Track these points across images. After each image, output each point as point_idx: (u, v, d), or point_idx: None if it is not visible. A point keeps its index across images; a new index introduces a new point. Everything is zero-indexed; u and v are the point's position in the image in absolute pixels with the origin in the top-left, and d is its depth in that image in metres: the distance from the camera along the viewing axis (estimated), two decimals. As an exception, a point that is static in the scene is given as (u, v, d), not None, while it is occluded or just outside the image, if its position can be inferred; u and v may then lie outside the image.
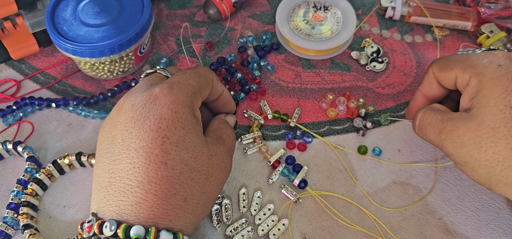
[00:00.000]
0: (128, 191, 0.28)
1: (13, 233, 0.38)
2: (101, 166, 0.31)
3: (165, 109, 0.30)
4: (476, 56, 0.34)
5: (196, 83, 0.33)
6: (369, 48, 0.50)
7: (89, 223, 0.29)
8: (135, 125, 0.29)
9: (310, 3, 0.51)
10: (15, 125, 0.45)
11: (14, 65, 0.49)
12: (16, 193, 0.39)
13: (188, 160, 0.29)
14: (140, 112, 0.30)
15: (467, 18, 0.51)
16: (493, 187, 0.32)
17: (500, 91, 0.31)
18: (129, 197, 0.28)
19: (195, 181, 0.30)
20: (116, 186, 0.29)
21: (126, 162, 0.29)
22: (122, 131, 0.30)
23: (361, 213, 0.39)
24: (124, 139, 0.29)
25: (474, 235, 0.38)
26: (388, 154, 0.42)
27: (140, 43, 0.45)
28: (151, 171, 0.28)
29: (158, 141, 0.29)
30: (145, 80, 0.34)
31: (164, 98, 0.30)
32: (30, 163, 0.40)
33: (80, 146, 0.43)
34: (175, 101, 0.30)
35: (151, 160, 0.28)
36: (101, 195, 0.30)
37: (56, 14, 0.44)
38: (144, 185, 0.28)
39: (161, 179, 0.28)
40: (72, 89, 0.47)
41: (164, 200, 0.28)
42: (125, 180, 0.28)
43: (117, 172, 0.29)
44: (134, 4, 0.45)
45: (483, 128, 0.31)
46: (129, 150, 0.29)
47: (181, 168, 0.29)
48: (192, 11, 0.54)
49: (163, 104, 0.30)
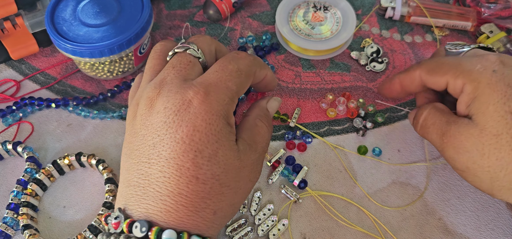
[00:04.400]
0: (158, 198, 0.28)
1: (13, 233, 0.38)
2: (130, 162, 0.30)
3: (199, 120, 0.28)
4: (468, 62, 0.33)
5: (236, 85, 0.31)
6: (369, 48, 0.50)
7: (117, 220, 0.28)
8: (167, 132, 0.28)
9: (310, 3, 0.51)
10: (15, 125, 0.45)
11: (13, 65, 0.49)
12: (16, 193, 0.39)
13: (219, 174, 0.29)
14: (173, 119, 0.28)
15: (467, 18, 0.51)
16: (496, 193, 0.32)
17: (499, 97, 0.31)
18: (158, 204, 0.28)
19: (225, 195, 0.29)
20: (145, 189, 0.28)
21: (156, 168, 0.28)
22: (154, 135, 0.29)
23: (361, 213, 0.39)
24: (155, 144, 0.28)
25: (474, 235, 0.38)
26: (388, 154, 0.42)
27: (140, 43, 0.45)
28: (182, 184, 0.28)
29: (190, 154, 0.28)
30: (177, 69, 0.31)
31: (199, 107, 0.28)
32: (30, 163, 0.40)
33: (80, 146, 0.43)
34: (210, 112, 0.29)
35: (182, 173, 0.28)
36: (129, 193, 0.29)
37: (55, 14, 0.44)
38: (175, 196, 0.28)
39: (192, 193, 0.28)
40: (72, 89, 0.47)
41: (194, 212, 0.28)
42: (154, 186, 0.28)
43: (146, 175, 0.28)
44: (134, 4, 0.45)
45: (486, 134, 0.31)
46: (159, 158, 0.28)
47: (212, 183, 0.28)
48: (192, 11, 0.54)
49: (197, 113, 0.28)
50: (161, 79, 0.31)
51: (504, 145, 0.30)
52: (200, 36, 0.34)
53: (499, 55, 0.33)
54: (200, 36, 0.34)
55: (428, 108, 0.36)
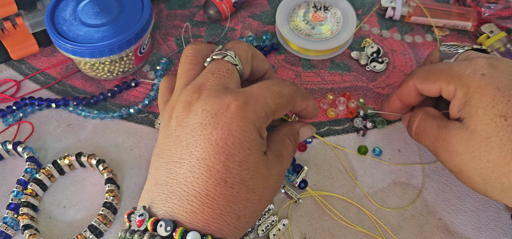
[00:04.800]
0: (184, 198, 0.28)
1: (13, 233, 0.38)
2: (160, 162, 0.30)
3: (235, 125, 0.28)
4: (458, 66, 0.34)
5: (275, 105, 0.31)
6: (369, 48, 0.50)
7: (141, 217, 0.28)
8: (202, 133, 0.28)
9: (310, 3, 0.51)
10: (15, 125, 0.45)
11: (14, 65, 0.49)
12: (16, 194, 0.39)
13: (247, 180, 0.29)
14: (210, 121, 0.29)
15: (467, 18, 0.51)
16: (489, 194, 0.32)
17: (488, 100, 0.31)
18: (184, 204, 0.28)
19: (250, 201, 0.29)
20: (172, 188, 0.28)
21: (186, 168, 0.28)
22: (188, 136, 0.29)
23: (361, 213, 0.39)
24: (188, 144, 0.29)
25: (474, 236, 0.38)
26: (388, 154, 0.42)
27: (140, 43, 0.45)
28: (210, 186, 0.28)
29: (222, 157, 0.28)
30: (216, 75, 0.31)
31: (236, 113, 0.29)
32: (30, 163, 0.40)
33: (80, 146, 0.43)
34: (246, 119, 0.29)
35: (211, 174, 0.28)
36: (156, 191, 0.29)
37: (56, 14, 0.44)
38: (202, 197, 0.28)
39: (219, 196, 0.28)
40: (72, 89, 0.47)
41: (219, 216, 0.28)
42: (182, 186, 0.28)
43: (175, 174, 0.28)
44: (134, 4, 0.45)
45: (476, 137, 0.31)
46: (191, 158, 0.28)
47: (240, 187, 0.28)
48: (192, 11, 0.54)
49: (233, 119, 0.29)
50: (200, 84, 0.31)
51: (494, 147, 0.31)
52: (237, 43, 0.34)
53: (489, 57, 0.34)
54: (237, 43, 0.34)
55: (420, 114, 0.36)
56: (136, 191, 0.40)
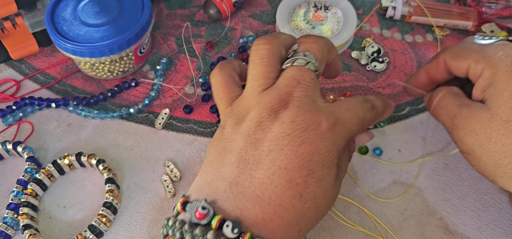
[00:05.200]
0: (257, 203, 0.28)
1: (13, 233, 0.38)
2: (229, 157, 0.29)
3: (322, 144, 0.29)
4: (491, 48, 0.33)
5: (357, 129, 0.32)
6: (370, 48, 0.50)
7: (204, 211, 0.27)
8: (289, 144, 0.28)
9: (310, 2, 0.51)
10: (15, 125, 0.45)
11: (14, 65, 0.49)
12: (16, 193, 0.39)
13: (319, 199, 0.29)
14: (299, 134, 0.29)
15: (467, 18, 0.51)
16: (498, 179, 0.32)
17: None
18: (255, 208, 0.27)
19: (313, 218, 0.30)
20: (243, 189, 0.28)
21: (263, 173, 0.28)
22: (272, 142, 0.29)
23: (362, 213, 0.39)
24: (271, 150, 0.28)
25: (475, 235, 0.38)
26: (388, 154, 0.42)
27: (140, 43, 0.45)
28: (286, 196, 0.28)
29: (305, 171, 0.28)
30: (303, 86, 0.31)
31: (326, 133, 0.29)
32: (30, 163, 0.40)
33: (80, 146, 0.43)
34: (333, 142, 0.30)
35: (291, 186, 0.28)
36: (222, 187, 0.28)
37: (56, 14, 0.44)
38: (275, 206, 0.28)
39: (291, 208, 0.28)
40: (72, 89, 0.47)
41: (285, 227, 0.28)
42: (256, 190, 0.28)
43: (249, 176, 0.28)
44: (134, 4, 0.45)
45: (496, 119, 0.31)
46: (272, 164, 0.28)
47: (311, 204, 0.29)
48: (192, 11, 0.54)
49: (322, 138, 0.29)
50: (287, 92, 0.30)
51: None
52: (315, 42, 0.33)
53: None
54: (314, 42, 0.33)
55: (444, 90, 0.36)
56: (137, 191, 0.40)
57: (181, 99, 0.46)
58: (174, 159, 0.42)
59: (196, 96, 0.47)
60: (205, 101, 0.46)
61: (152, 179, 0.41)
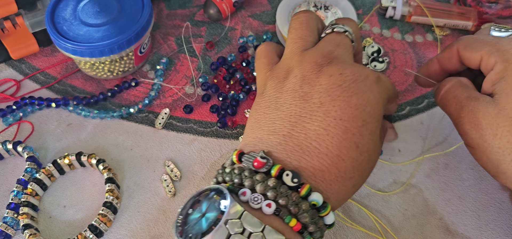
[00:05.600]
0: (314, 154, 0.28)
1: (13, 233, 0.38)
2: (276, 113, 0.30)
3: (373, 96, 0.29)
4: (506, 42, 0.33)
5: (391, 94, 0.33)
6: (370, 48, 0.50)
7: (264, 160, 0.27)
8: (341, 94, 0.29)
9: (310, 2, 0.51)
10: (15, 124, 0.45)
11: (14, 65, 0.49)
12: (16, 193, 0.39)
13: (372, 151, 0.29)
14: (349, 85, 0.29)
15: (467, 17, 0.51)
16: (500, 176, 0.32)
17: None
18: (313, 160, 0.28)
19: (366, 171, 0.30)
20: (299, 141, 0.28)
21: (318, 125, 0.28)
22: (322, 94, 0.29)
23: (362, 212, 0.39)
24: (323, 102, 0.29)
25: (475, 235, 0.38)
26: (388, 153, 0.42)
27: (140, 43, 0.45)
28: (343, 147, 0.28)
29: (359, 121, 0.28)
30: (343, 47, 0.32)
31: (374, 85, 0.30)
32: (30, 163, 0.40)
33: (80, 145, 0.43)
34: (380, 93, 0.30)
35: (347, 136, 0.28)
36: (275, 140, 0.28)
37: (56, 13, 0.44)
38: (333, 157, 0.28)
39: (348, 159, 0.28)
40: (72, 89, 0.47)
41: (341, 180, 0.28)
42: (313, 142, 0.28)
43: (303, 129, 0.28)
44: (134, 4, 0.45)
45: (503, 115, 0.31)
46: (326, 116, 0.28)
47: (365, 156, 0.29)
48: (192, 11, 0.54)
49: (372, 89, 0.30)
50: (329, 51, 0.32)
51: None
52: (349, 20, 0.36)
53: None
54: (348, 20, 0.36)
55: (453, 81, 0.35)
56: (137, 190, 0.40)
57: (181, 99, 0.46)
58: (174, 158, 0.42)
59: (196, 96, 0.47)
60: (205, 101, 0.46)
61: (152, 179, 0.41)
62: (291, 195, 0.26)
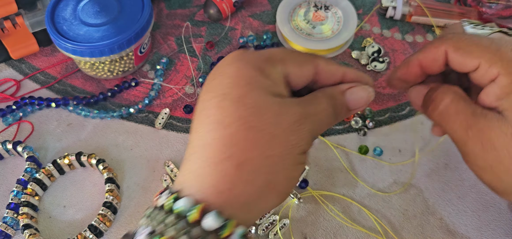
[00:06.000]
0: (190, 160, 0.26)
1: (13, 233, 0.38)
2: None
3: (231, 67, 0.27)
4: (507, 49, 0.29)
5: (280, 53, 0.28)
6: (370, 48, 0.50)
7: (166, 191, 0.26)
8: (203, 87, 0.28)
9: (310, 2, 0.51)
10: (15, 124, 0.44)
11: (14, 65, 0.49)
12: (16, 193, 0.39)
13: (246, 116, 0.25)
14: (210, 74, 0.28)
15: (468, 18, 0.51)
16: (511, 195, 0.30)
17: None
18: (189, 166, 0.26)
19: (253, 141, 0.25)
20: (185, 156, 0.27)
21: (193, 131, 0.27)
22: (198, 103, 0.28)
23: (362, 213, 0.39)
24: (196, 109, 0.27)
25: (475, 236, 0.38)
26: (389, 154, 0.42)
27: (140, 42, 0.45)
28: (206, 133, 0.25)
29: (218, 99, 0.26)
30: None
31: (233, 58, 0.27)
32: (30, 162, 0.40)
33: (80, 145, 0.43)
34: (242, 60, 0.27)
35: (208, 121, 0.25)
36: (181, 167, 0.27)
37: (56, 13, 0.44)
38: (200, 152, 0.25)
39: (214, 140, 0.25)
40: (72, 89, 0.47)
41: (214, 166, 0.25)
42: (190, 149, 0.26)
43: (189, 142, 0.27)
44: (134, 4, 0.45)
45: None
46: (195, 117, 0.27)
47: (237, 125, 0.25)
48: (192, 11, 0.54)
49: (230, 62, 0.27)
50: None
51: None
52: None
53: None
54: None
55: (450, 94, 0.30)
56: (136, 190, 0.40)
57: (181, 99, 0.46)
58: (174, 158, 0.42)
59: (196, 96, 0.47)
60: (205, 101, 0.46)
61: (152, 179, 0.41)
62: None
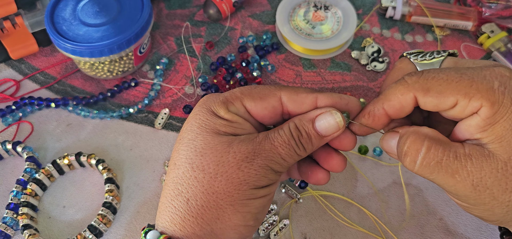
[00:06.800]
0: (161, 202, 0.29)
1: (12, 233, 0.38)
2: None
3: (192, 114, 0.30)
4: (480, 77, 0.28)
5: (239, 91, 0.30)
6: (370, 48, 0.50)
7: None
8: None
9: (310, 2, 0.51)
10: (15, 125, 0.44)
11: (13, 65, 0.49)
12: (15, 193, 0.39)
13: (192, 158, 0.28)
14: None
15: (468, 18, 0.51)
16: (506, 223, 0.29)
17: None
18: (160, 207, 0.29)
19: (197, 179, 0.27)
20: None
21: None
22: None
23: (362, 213, 0.39)
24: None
25: (475, 236, 0.38)
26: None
27: (139, 43, 0.45)
28: (168, 174, 0.29)
29: (177, 144, 0.29)
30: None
31: (197, 105, 0.30)
32: (29, 163, 0.40)
33: (80, 146, 0.43)
34: (200, 105, 0.30)
35: (170, 163, 0.29)
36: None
37: (55, 13, 0.44)
38: (164, 190, 0.29)
39: (170, 180, 0.29)
40: (71, 89, 0.47)
41: (169, 201, 0.28)
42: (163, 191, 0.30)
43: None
44: (133, 4, 0.45)
45: (510, 167, 0.27)
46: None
47: (185, 167, 0.28)
48: (192, 11, 0.54)
49: (194, 109, 0.30)
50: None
51: None
52: None
53: (508, 68, 0.28)
54: None
55: (426, 143, 0.28)
56: (136, 191, 0.40)
57: (180, 99, 0.46)
58: (174, 159, 0.42)
59: (195, 96, 0.47)
60: (205, 101, 0.46)
61: (152, 179, 0.41)
62: None
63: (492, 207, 0.28)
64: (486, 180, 0.27)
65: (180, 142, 0.29)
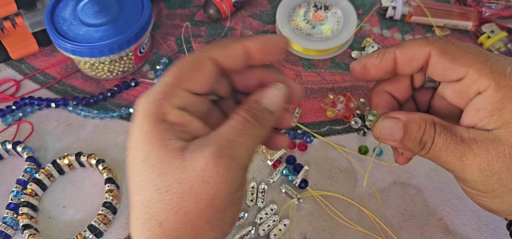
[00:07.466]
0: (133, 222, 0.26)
1: (12, 233, 0.38)
2: None
3: (133, 126, 0.25)
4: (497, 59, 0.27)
5: (171, 77, 0.26)
6: (370, 48, 0.50)
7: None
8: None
9: (310, 2, 0.51)
10: (15, 124, 0.44)
11: (13, 65, 0.49)
12: (15, 193, 0.39)
13: (153, 179, 0.25)
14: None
15: (468, 18, 0.51)
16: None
17: None
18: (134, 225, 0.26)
19: (164, 201, 0.25)
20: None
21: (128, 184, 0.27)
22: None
23: (362, 213, 0.39)
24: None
25: (475, 236, 0.38)
26: (388, 154, 0.42)
27: (140, 43, 0.45)
28: (133, 195, 0.25)
29: (131, 162, 0.25)
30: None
31: (136, 112, 0.25)
32: (29, 163, 0.40)
33: (80, 146, 0.43)
34: (139, 113, 0.25)
35: (132, 183, 0.25)
36: None
37: (55, 13, 0.44)
38: (133, 210, 0.26)
39: (137, 202, 0.25)
40: (71, 89, 0.47)
41: (142, 225, 0.25)
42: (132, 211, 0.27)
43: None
44: (133, 4, 0.45)
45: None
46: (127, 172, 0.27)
47: (150, 188, 0.25)
48: (192, 11, 0.54)
49: (134, 118, 0.25)
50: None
51: None
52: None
53: None
54: None
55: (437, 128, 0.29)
56: (136, 191, 0.40)
57: (181, 99, 0.46)
58: (174, 159, 0.42)
59: (196, 96, 0.47)
60: (205, 101, 0.46)
61: (151, 179, 0.41)
62: None
63: (502, 193, 0.28)
64: (493, 164, 0.27)
65: (135, 162, 0.25)
